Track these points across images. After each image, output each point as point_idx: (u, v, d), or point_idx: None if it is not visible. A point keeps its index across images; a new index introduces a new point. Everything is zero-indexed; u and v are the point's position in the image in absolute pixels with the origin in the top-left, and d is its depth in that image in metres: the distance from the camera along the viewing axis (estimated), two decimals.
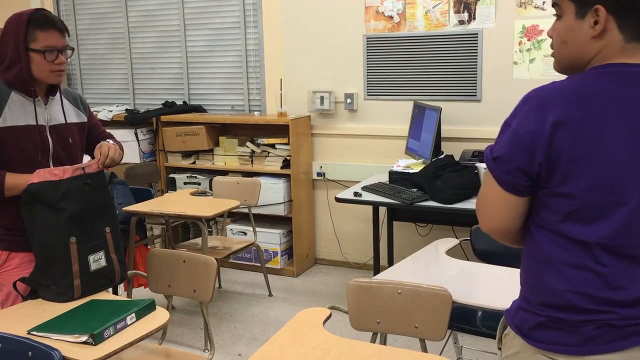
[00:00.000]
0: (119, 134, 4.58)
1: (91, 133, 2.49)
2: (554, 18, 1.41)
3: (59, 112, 2.32)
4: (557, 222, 1.33)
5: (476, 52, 4.00)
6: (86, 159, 2.40)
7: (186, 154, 4.85)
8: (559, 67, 1.43)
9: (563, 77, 1.39)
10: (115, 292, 3.47)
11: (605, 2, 1.29)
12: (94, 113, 2.60)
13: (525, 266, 1.43)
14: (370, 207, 3.80)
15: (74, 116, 2.39)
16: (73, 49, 2.31)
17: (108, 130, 2.62)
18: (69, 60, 2.29)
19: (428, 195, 3.41)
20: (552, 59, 1.44)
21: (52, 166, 2.27)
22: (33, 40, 2.16)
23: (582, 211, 1.30)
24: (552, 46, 1.42)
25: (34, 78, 2.20)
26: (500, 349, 1.51)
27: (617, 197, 1.28)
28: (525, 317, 1.40)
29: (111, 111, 5.03)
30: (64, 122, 2.33)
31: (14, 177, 2.17)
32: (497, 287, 2.29)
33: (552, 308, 1.35)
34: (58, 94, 2.33)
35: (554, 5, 1.39)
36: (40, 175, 2.16)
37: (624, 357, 1.31)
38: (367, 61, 4.34)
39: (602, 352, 1.31)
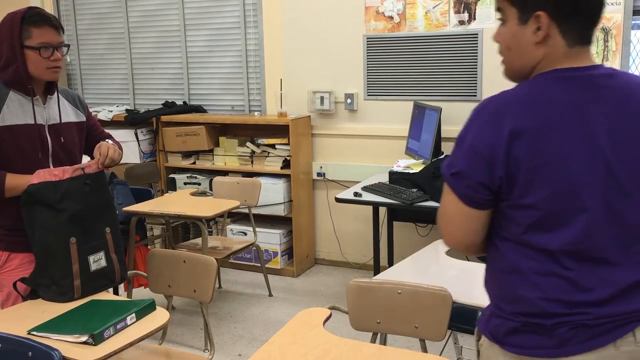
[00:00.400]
0: (119, 134, 4.58)
1: (90, 133, 2.49)
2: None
3: (57, 111, 2.32)
4: (521, 233, 1.32)
5: (476, 52, 4.00)
6: (85, 159, 2.41)
7: (186, 154, 4.85)
8: (508, 74, 1.41)
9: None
10: (115, 292, 3.47)
11: (547, 8, 1.28)
12: (94, 113, 2.60)
13: (493, 278, 1.41)
14: (370, 208, 3.80)
15: (73, 116, 2.39)
16: (69, 46, 2.31)
17: (108, 131, 2.62)
18: (68, 59, 2.29)
19: (428, 196, 3.41)
20: None
21: (51, 165, 2.27)
22: (28, 37, 2.17)
23: (544, 220, 1.29)
24: (500, 52, 1.41)
25: (30, 76, 2.21)
26: None
27: (578, 203, 1.27)
28: (499, 322, 1.38)
29: (111, 111, 5.03)
30: (62, 121, 2.33)
31: (14, 178, 2.17)
32: None
33: (525, 316, 1.33)
34: (56, 93, 2.34)
35: (497, 10, 1.39)
36: (40, 176, 2.16)
37: (597, 356, 1.31)
38: (367, 61, 4.34)
39: (577, 353, 1.31)
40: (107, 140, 2.47)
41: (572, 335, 1.30)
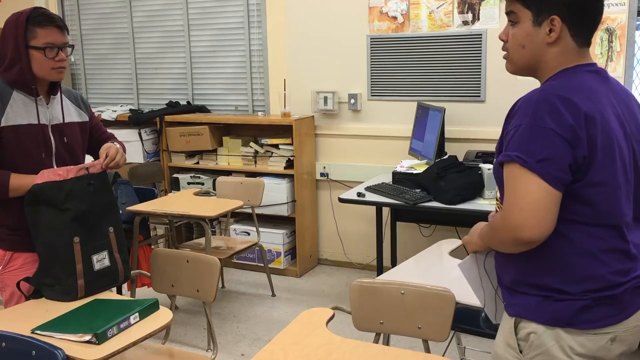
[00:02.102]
0: (123, 134, 4.59)
1: (93, 133, 2.49)
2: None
3: (60, 111, 2.33)
4: (592, 212, 1.43)
5: (480, 53, 3.99)
6: (88, 159, 2.41)
7: (190, 154, 4.86)
8: (514, 68, 1.60)
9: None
10: (119, 292, 3.48)
11: (560, 13, 1.46)
12: (97, 113, 2.60)
13: (553, 263, 1.46)
14: (374, 208, 3.80)
15: (75, 115, 2.40)
16: (73, 46, 2.32)
17: (112, 131, 2.63)
18: (73, 59, 2.29)
19: (431, 196, 3.40)
20: None
21: (54, 165, 2.28)
22: (33, 37, 2.17)
23: (611, 196, 1.43)
24: (504, 48, 1.59)
25: (35, 76, 2.21)
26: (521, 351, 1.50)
27: (628, 179, 1.47)
28: (563, 305, 1.45)
29: (115, 111, 5.03)
30: (65, 121, 2.34)
31: (18, 178, 2.18)
32: None
33: (595, 292, 1.44)
34: (59, 93, 2.34)
35: (508, 13, 1.54)
36: (44, 176, 2.17)
37: None
38: (371, 61, 4.34)
39: (632, 313, 1.48)
40: (114, 142, 2.47)
41: (630, 299, 1.47)
